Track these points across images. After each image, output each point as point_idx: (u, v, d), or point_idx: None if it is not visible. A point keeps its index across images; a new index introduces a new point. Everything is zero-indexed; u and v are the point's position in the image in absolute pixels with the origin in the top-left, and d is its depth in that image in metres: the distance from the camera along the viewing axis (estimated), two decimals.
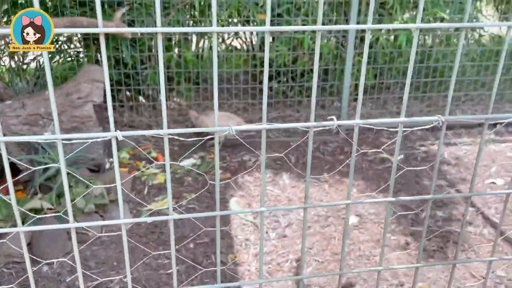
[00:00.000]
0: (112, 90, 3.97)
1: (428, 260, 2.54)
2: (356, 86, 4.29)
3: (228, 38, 4.41)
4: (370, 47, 4.22)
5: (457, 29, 4.31)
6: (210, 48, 4.32)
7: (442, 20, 4.07)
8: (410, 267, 1.33)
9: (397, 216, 2.93)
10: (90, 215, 2.66)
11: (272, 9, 3.93)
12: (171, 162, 3.40)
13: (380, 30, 3.99)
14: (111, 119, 0.96)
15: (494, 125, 4.34)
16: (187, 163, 3.57)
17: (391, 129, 4.04)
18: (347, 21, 3.72)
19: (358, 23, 3.75)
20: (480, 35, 4.68)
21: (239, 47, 4.49)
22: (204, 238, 2.70)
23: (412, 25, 0.93)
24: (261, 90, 4.39)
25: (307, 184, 1.09)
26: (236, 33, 4.27)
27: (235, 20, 4.16)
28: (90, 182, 2.89)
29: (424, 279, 2.39)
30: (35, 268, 2.34)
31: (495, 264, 2.52)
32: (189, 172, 3.45)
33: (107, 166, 3.36)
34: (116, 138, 0.96)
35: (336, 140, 4.07)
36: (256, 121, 4.05)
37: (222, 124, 3.70)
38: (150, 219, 1.10)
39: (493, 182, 3.39)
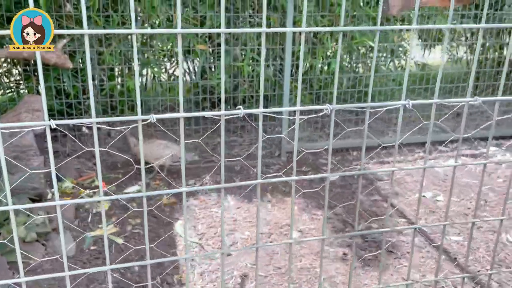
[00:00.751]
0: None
1: (365, 267, 2.71)
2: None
3: (171, 68, 4.53)
4: (306, 74, 4.48)
5: (383, 57, 4.68)
6: (154, 77, 4.42)
7: (371, 47, 4.42)
8: (318, 238, 1.48)
9: (335, 230, 3.10)
10: (32, 244, 2.63)
11: (212, 40, 4.11)
12: (119, 196, 3.39)
13: (315, 58, 4.26)
14: (45, 107, 1.04)
15: (423, 144, 4.69)
16: (131, 189, 3.59)
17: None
18: (283, 50, 3.96)
19: (293, 52, 4.00)
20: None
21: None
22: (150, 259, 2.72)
23: (300, 28, 1.09)
24: (204, 117, 4.51)
25: (222, 164, 1.21)
26: (178, 63, 4.40)
27: (176, 50, 4.29)
28: (32, 212, 2.86)
29: (361, 286, 2.55)
30: None
31: (424, 268, 2.72)
32: (134, 199, 3.48)
33: (49, 196, 3.32)
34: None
35: (278, 163, 4.24)
36: (200, 146, 4.16)
37: (159, 152, 3.77)
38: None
39: (423, 196, 3.65)
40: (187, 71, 4.67)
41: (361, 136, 4.39)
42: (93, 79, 4.08)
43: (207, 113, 1.16)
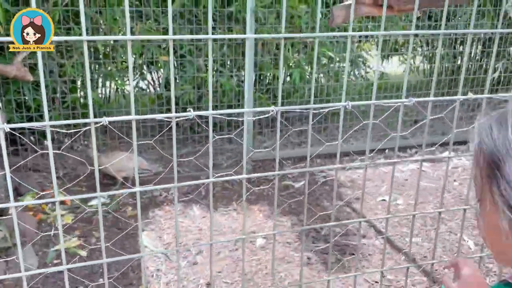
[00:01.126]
0: (14, 134, 3.88)
1: (327, 270, 2.77)
2: (259, 120, 4.59)
3: (135, 79, 4.54)
4: (270, 84, 4.58)
5: (343, 67, 4.82)
6: (117, 89, 4.41)
7: (330, 58, 4.56)
8: (267, 233, 1.53)
9: (299, 235, 3.17)
10: None
11: (175, 51, 4.15)
12: (79, 204, 3.36)
13: (277, 68, 4.36)
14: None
15: (383, 150, 4.85)
16: (95, 202, 3.55)
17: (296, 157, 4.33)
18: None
19: (255, 63, 4.08)
20: (366, 72, 5.27)
21: (145, 87, 4.62)
22: (114, 272, 2.71)
23: (245, 35, 1.16)
24: (167, 126, 4.52)
25: (175, 164, 1.26)
26: (142, 74, 4.41)
27: (140, 62, 4.31)
28: None
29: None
30: None
31: (385, 269, 2.82)
32: (98, 212, 3.44)
33: (10, 210, 3.25)
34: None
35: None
36: (165, 158, 4.16)
37: (124, 164, 3.74)
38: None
39: (383, 200, 3.78)
40: (151, 82, 4.68)
41: (323, 144, 4.51)
42: (55, 92, 4.04)
43: (158, 116, 1.21)
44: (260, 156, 4.37)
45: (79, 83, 4.23)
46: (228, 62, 4.43)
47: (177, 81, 4.22)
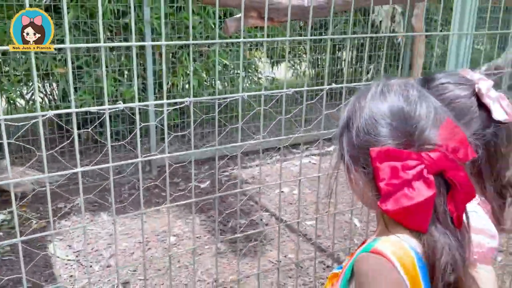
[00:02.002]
0: None
1: (237, 257, 3.04)
2: (162, 126, 4.74)
3: (27, 93, 4.42)
4: (169, 91, 4.75)
5: (237, 73, 5.18)
6: (9, 102, 4.27)
7: (225, 65, 4.87)
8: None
9: (210, 230, 3.41)
10: None
11: (73, 62, 4.15)
12: None
13: (175, 76, 4.56)
14: None
15: (279, 149, 5.28)
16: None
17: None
18: (144, 70, 4.18)
19: (154, 72, 4.24)
20: (259, 78, 5.69)
21: (40, 100, 4.52)
22: (28, 283, 2.70)
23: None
24: (68, 138, 4.47)
25: (109, 148, 1.43)
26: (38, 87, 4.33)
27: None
28: None
29: (234, 273, 2.88)
30: None
31: (286, 250, 3.17)
32: (0, 227, 3.36)
33: None
34: None
35: (150, 177, 4.42)
36: (68, 168, 4.12)
37: (20, 180, 3.67)
38: None
39: (282, 191, 4.16)
40: (45, 93, 4.59)
41: (224, 142, 4.80)
42: None
43: (92, 108, 1.37)
44: (164, 161, 4.51)
45: None
46: (126, 72, 4.52)
47: (77, 91, 4.22)
